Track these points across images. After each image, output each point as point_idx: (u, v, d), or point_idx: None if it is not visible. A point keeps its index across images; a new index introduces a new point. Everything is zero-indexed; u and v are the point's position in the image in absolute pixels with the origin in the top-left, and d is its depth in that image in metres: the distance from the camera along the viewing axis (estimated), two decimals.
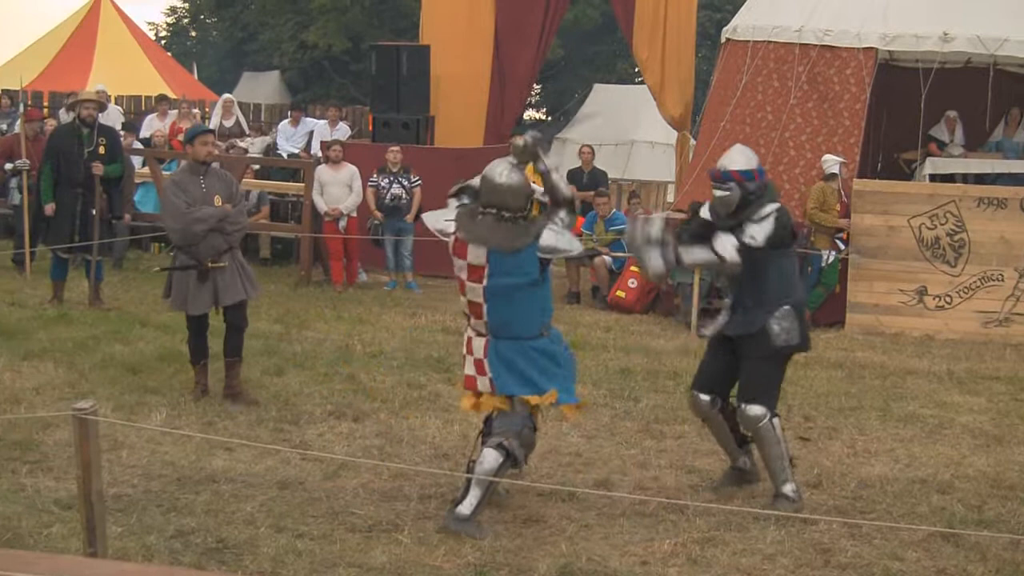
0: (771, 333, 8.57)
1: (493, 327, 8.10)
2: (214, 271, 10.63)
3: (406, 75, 19.54)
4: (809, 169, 16.62)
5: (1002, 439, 10.73)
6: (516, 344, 8.10)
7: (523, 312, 8.08)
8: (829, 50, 16.81)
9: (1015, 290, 15.49)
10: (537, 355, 8.15)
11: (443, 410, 10.83)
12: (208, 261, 10.60)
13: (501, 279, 8.01)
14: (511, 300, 8.03)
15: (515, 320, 8.08)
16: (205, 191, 10.75)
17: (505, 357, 8.10)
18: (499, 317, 8.07)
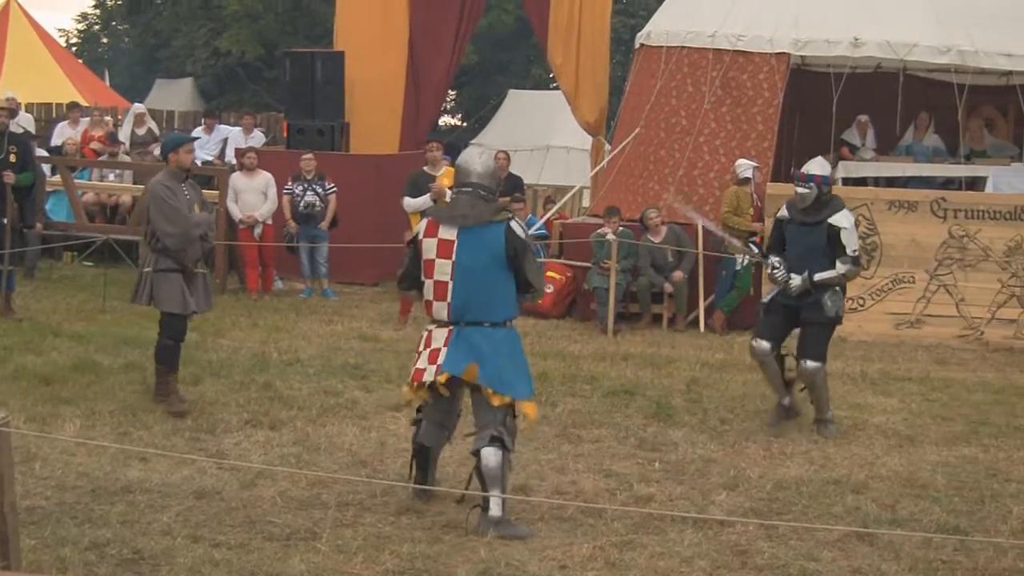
0: (825, 307, 10.85)
1: (456, 308, 8.17)
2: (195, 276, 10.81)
3: (320, 81, 19.47)
4: (723, 173, 16.75)
5: (914, 439, 10.87)
6: (480, 330, 8.17)
7: (486, 293, 8.17)
8: (742, 55, 16.97)
9: (926, 292, 15.72)
10: (504, 345, 8.25)
11: (360, 417, 10.80)
12: (192, 266, 10.77)
13: (469, 253, 8.13)
14: (476, 277, 8.13)
15: (478, 300, 8.16)
16: (188, 199, 10.82)
17: (465, 343, 8.14)
18: (463, 295, 8.14)
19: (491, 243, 8.17)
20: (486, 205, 8.30)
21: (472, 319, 8.18)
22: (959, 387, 13.21)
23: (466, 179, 8.40)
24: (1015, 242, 15.55)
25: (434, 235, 8.27)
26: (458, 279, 8.16)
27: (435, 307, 8.28)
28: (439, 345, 8.23)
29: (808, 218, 10.94)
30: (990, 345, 15.53)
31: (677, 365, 13.66)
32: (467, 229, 8.17)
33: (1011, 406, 12.34)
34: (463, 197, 8.36)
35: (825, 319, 10.91)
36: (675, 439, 10.51)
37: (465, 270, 8.15)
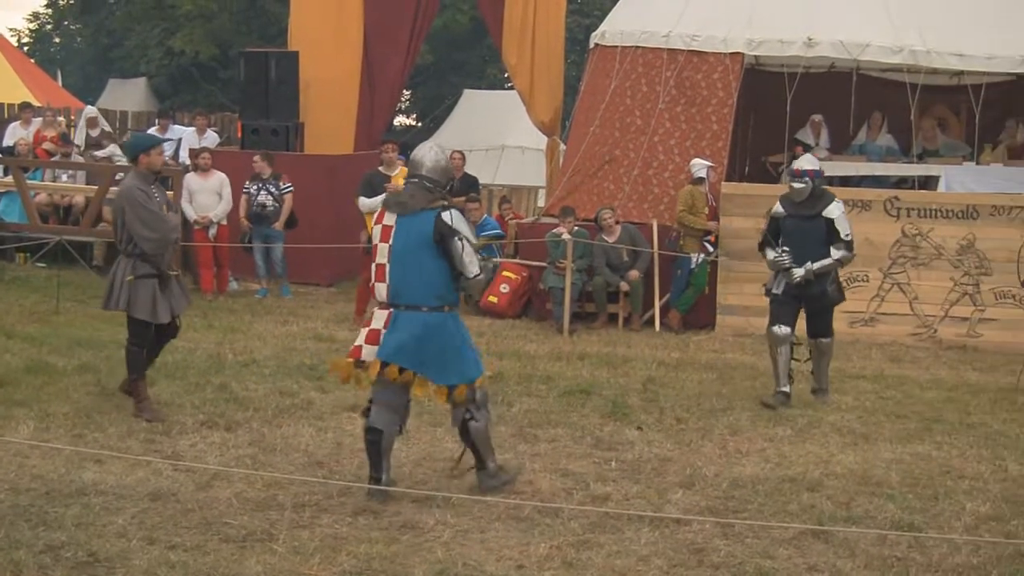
0: (828, 294, 12.13)
1: (394, 290, 8.64)
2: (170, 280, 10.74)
3: (275, 81, 19.39)
4: (678, 172, 16.79)
5: (869, 437, 10.93)
6: (415, 315, 8.59)
7: (419, 277, 8.60)
8: (697, 55, 17.02)
9: (880, 290, 15.82)
10: (435, 331, 8.64)
11: (316, 418, 10.77)
12: (168, 270, 10.71)
13: (402, 239, 8.63)
14: (408, 261, 8.60)
15: (412, 284, 8.60)
16: (159, 201, 10.72)
17: (405, 326, 8.58)
18: (399, 277, 8.61)
19: (421, 229, 8.61)
20: (425, 195, 8.72)
21: (409, 302, 8.62)
22: (913, 385, 13.30)
23: (416, 171, 8.86)
24: (967, 241, 15.67)
25: (381, 220, 8.83)
26: (393, 262, 8.65)
27: (377, 288, 8.79)
28: (379, 326, 8.68)
29: (805, 211, 12.07)
30: (943, 343, 15.64)
31: (633, 364, 13.69)
32: (404, 216, 8.68)
33: (964, 404, 12.43)
34: (408, 187, 8.85)
35: (829, 303, 12.29)
36: (631, 438, 10.53)
37: (398, 254, 8.64)
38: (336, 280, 18.70)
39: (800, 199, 12.11)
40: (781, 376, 12.12)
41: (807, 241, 12.00)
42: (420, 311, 8.61)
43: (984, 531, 8.46)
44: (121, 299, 10.63)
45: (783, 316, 12.17)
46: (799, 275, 11.94)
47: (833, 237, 12.02)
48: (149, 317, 10.68)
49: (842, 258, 12.11)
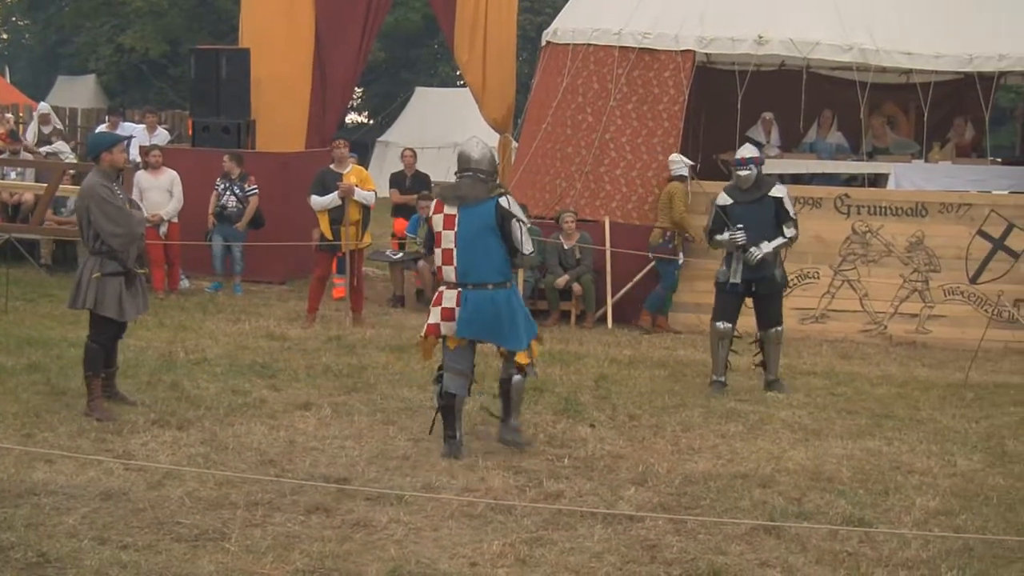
0: (777, 278, 12.56)
1: (461, 271, 9.71)
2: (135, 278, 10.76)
3: (226, 78, 19.29)
4: (629, 170, 16.83)
5: (820, 433, 10.99)
6: (483, 293, 9.71)
7: (484, 257, 9.70)
8: (648, 53, 17.04)
9: (830, 287, 15.93)
10: (501, 305, 9.76)
11: (269, 416, 10.73)
12: (134, 268, 10.74)
13: (466, 226, 9.68)
14: (475, 244, 9.66)
15: (478, 265, 9.69)
16: (122, 198, 10.73)
17: (474, 304, 9.68)
18: (466, 260, 9.68)
19: (484, 216, 9.69)
20: (481, 185, 9.81)
21: (476, 281, 9.72)
22: (863, 381, 13.39)
23: (466, 165, 9.92)
24: (916, 237, 15.80)
25: (440, 211, 9.84)
26: (460, 247, 9.70)
27: (444, 271, 9.87)
28: (451, 305, 9.76)
29: (752, 196, 12.57)
30: (893, 339, 15.77)
31: (585, 362, 13.72)
32: (466, 206, 9.74)
33: (914, 399, 12.53)
34: (464, 180, 9.88)
35: (777, 288, 12.68)
36: (584, 435, 10.55)
37: (465, 239, 9.69)
38: (288, 278, 18.65)
39: (746, 186, 12.64)
40: (719, 366, 12.66)
41: (758, 224, 12.45)
42: (487, 288, 9.71)
43: (933, 525, 8.51)
44: (88, 297, 10.56)
45: (727, 312, 12.67)
46: (757, 255, 12.34)
47: (782, 217, 12.53)
48: (116, 315, 10.66)
49: (794, 236, 12.67)
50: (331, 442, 10.00)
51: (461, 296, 9.72)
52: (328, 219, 15.12)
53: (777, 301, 12.78)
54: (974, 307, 15.75)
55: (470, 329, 9.76)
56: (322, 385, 12.02)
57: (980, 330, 14.41)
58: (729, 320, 12.62)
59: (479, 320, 9.71)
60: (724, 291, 12.72)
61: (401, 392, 11.82)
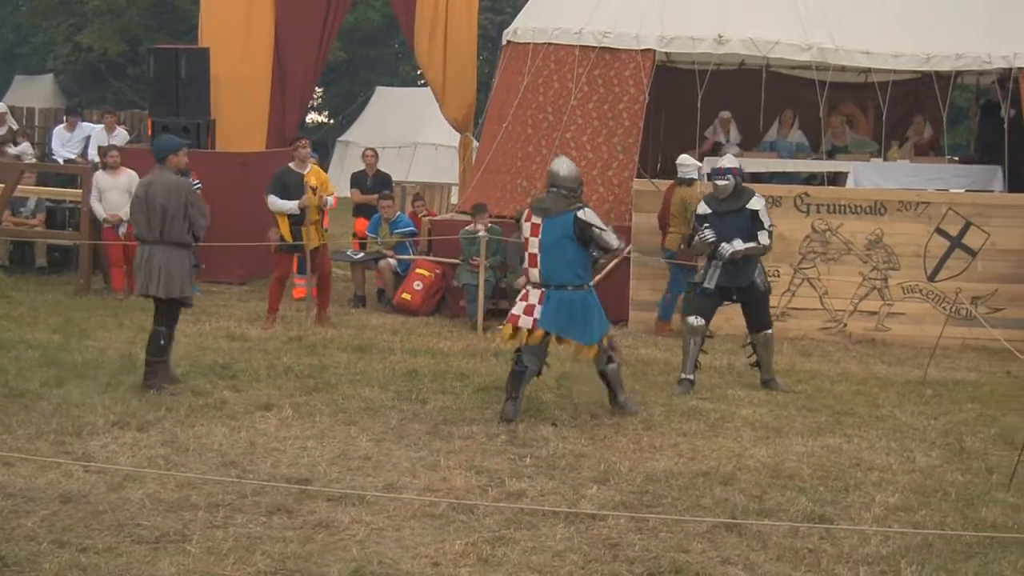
0: (759, 285, 12.78)
1: (544, 274, 11.11)
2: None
3: (185, 78, 19.21)
4: (590, 169, 16.84)
5: (780, 430, 11.04)
6: (563, 293, 11.09)
7: (564, 263, 11.08)
8: (608, 52, 17.10)
9: (790, 285, 15.98)
10: (578, 305, 11.13)
11: (230, 417, 10.69)
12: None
13: (549, 235, 11.11)
14: (555, 251, 11.06)
15: (559, 268, 11.08)
16: None
17: (555, 303, 11.07)
18: (549, 264, 11.09)
19: (564, 227, 11.06)
20: (563, 201, 11.18)
21: (557, 283, 11.11)
22: (823, 378, 13.45)
23: (554, 182, 11.31)
24: (875, 236, 15.87)
25: (529, 220, 11.29)
26: (543, 253, 11.11)
27: (530, 272, 11.25)
28: (535, 302, 11.13)
29: (731, 207, 12.76)
30: (852, 337, 15.85)
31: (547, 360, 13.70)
32: (549, 217, 11.13)
33: (873, 396, 12.59)
34: (550, 195, 11.31)
35: (760, 295, 12.87)
36: (546, 434, 10.55)
37: (547, 246, 11.10)
38: (248, 278, 18.58)
39: (724, 196, 12.82)
40: (688, 364, 12.71)
41: (734, 234, 12.63)
42: (566, 290, 11.10)
43: (893, 522, 8.56)
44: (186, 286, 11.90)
45: (703, 309, 12.86)
46: (728, 251, 12.57)
47: (757, 228, 12.69)
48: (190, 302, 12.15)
49: (768, 244, 12.86)
50: (292, 443, 9.97)
51: (544, 295, 11.10)
52: (288, 220, 15.07)
53: (762, 307, 12.95)
54: (932, 305, 15.84)
55: (550, 324, 11.06)
56: (283, 386, 11.98)
57: (938, 327, 14.52)
58: (703, 316, 12.77)
59: (558, 317, 11.05)
60: (697, 292, 13.00)
61: (363, 392, 11.79)
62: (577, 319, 11.14)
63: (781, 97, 18.96)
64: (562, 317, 11.08)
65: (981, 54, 16.91)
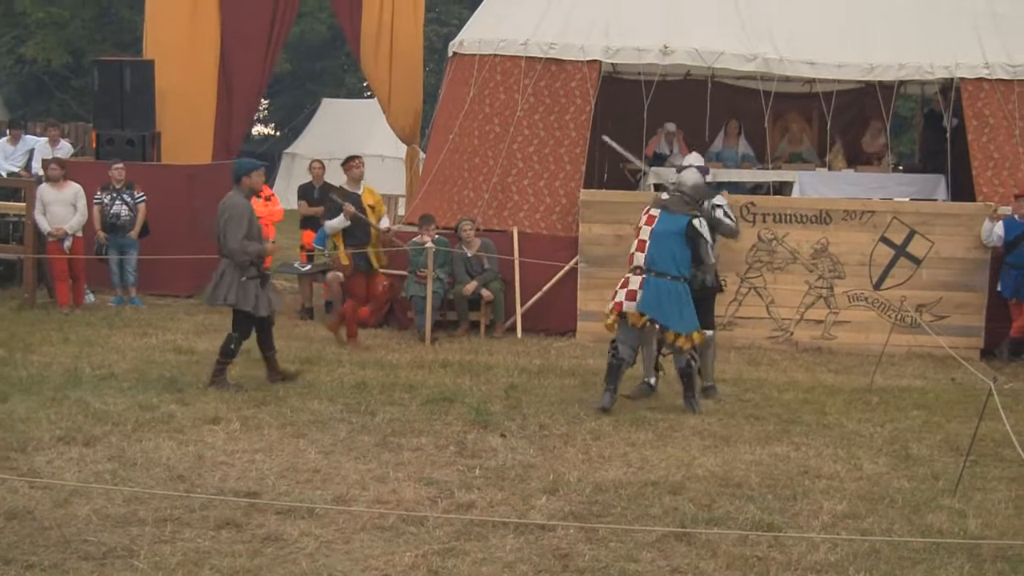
0: (707, 283, 12.84)
1: (649, 260, 11.99)
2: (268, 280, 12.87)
3: (130, 90, 19.13)
4: (537, 180, 16.88)
5: (729, 439, 11.08)
6: (662, 281, 11.92)
7: (668, 255, 11.98)
8: (555, 63, 17.13)
9: (737, 294, 16.05)
10: (674, 294, 11.95)
11: (177, 431, 10.63)
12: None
13: (663, 226, 12.06)
14: (663, 242, 11.99)
15: (663, 258, 11.96)
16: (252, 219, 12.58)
17: (654, 288, 11.92)
18: (655, 252, 11.98)
19: (678, 224, 12.04)
20: (683, 204, 12.23)
21: (659, 270, 11.96)
22: (770, 387, 13.52)
23: (680, 188, 12.32)
24: (821, 244, 15.97)
25: (647, 212, 12.23)
26: (652, 241, 12.05)
27: (635, 256, 12.13)
28: (635, 288, 12.00)
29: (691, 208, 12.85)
30: (799, 345, 15.94)
31: (495, 371, 13.73)
32: (667, 212, 12.12)
33: (820, 404, 12.66)
34: (674, 197, 12.32)
35: (707, 293, 12.95)
36: (495, 445, 10.55)
37: (658, 236, 12.04)
38: (195, 291, 18.49)
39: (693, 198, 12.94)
40: (647, 367, 12.87)
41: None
42: (666, 278, 11.94)
43: (841, 529, 8.62)
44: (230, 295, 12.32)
45: None
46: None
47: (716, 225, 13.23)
48: (252, 310, 12.40)
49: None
50: (241, 456, 9.93)
51: (644, 281, 11.94)
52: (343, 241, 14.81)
53: (707, 306, 12.95)
54: (878, 313, 15.96)
55: (648, 308, 11.91)
56: (231, 399, 11.92)
57: (884, 335, 14.64)
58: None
59: (657, 302, 11.89)
60: None
61: (311, 405, 11.75)
62: (672, 307, 11.94)
63: (726, 107, 19.08)
64: (660, 302, 11.91)
65: (923, 64, 17.05)
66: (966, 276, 15.93)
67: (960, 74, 16.97)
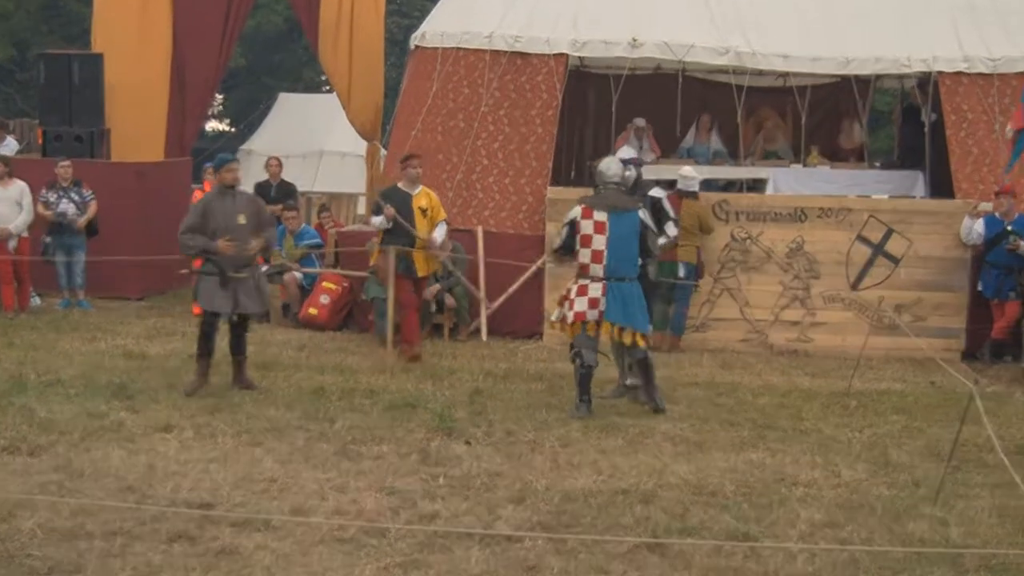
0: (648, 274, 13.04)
1: (609, 268, 12.04)
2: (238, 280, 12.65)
3: (78, 85, 19.00)
4: (502, 177, 16.85)
5: (702, 445, 11.06)
6: (622, 285, 12.06)
7: (626, 257, 12.11)
8: (520, 56, 17.10)
9: (710, 295, 16.05)
10: (634, 296, 12.14)
11: (127, 440, 10.54)
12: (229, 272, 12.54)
13: (616, 230, 12.07)
14: (619, 248, 12.05)
15: (622, 262, 12.07)
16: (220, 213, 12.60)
17: (618, 294, 12.03)
18: (614, 258, 12.04)
19: (630, 224, 12.13)
20: (626, 198, 12.40)
21: (619, 276, 12.07)
22: (745, 391, 13.52)
23: (608, 180, 12.38)
24: (796, 243, 15.99)
25: (590, 217, 12.12)
26: (610, 249, 12.05)
27: (592, 268, 12.11)
28: (597, 295, 12.05)
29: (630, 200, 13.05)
30: (774, 348, 15.96)
31: (459, 376, 13.69)
32: (615, 214, 12.08)
33: (796, 409, 12.66)
34: (610, 191, 12.34)
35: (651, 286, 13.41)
36: (459, 453, 10.51)
37: (614, 241, 12.05)
38: (146, 293, 18.39)
39: (628, 185, 13.07)
40: (619, 370, 13.03)
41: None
42: (624, 282, 12.09)
43: (819, 538, 8.60)
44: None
45: None
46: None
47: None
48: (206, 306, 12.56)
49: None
50: (194, 465, 9.85)
51: (607, 287, 12.03)
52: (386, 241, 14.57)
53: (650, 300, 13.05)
54: (855, 314, 15.99)
55: (616, 316, 12.03)
56: (184, 406, 11.84)
57: (862, 337, 14.66)
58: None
59: (623, 308, 12.04)
60: None
61: (267, 412, 11.69)
62: (637, 309, 12.14)
63: (698, 102, 19.08)
64: (626, 308, 12.06)
65: (900, 57, 17.09)
66: (946, 276, 15.98)
67: (938, 68, 17.03)
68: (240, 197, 12.86)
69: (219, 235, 12.39)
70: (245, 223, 12.61)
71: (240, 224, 12.56)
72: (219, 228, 12.40)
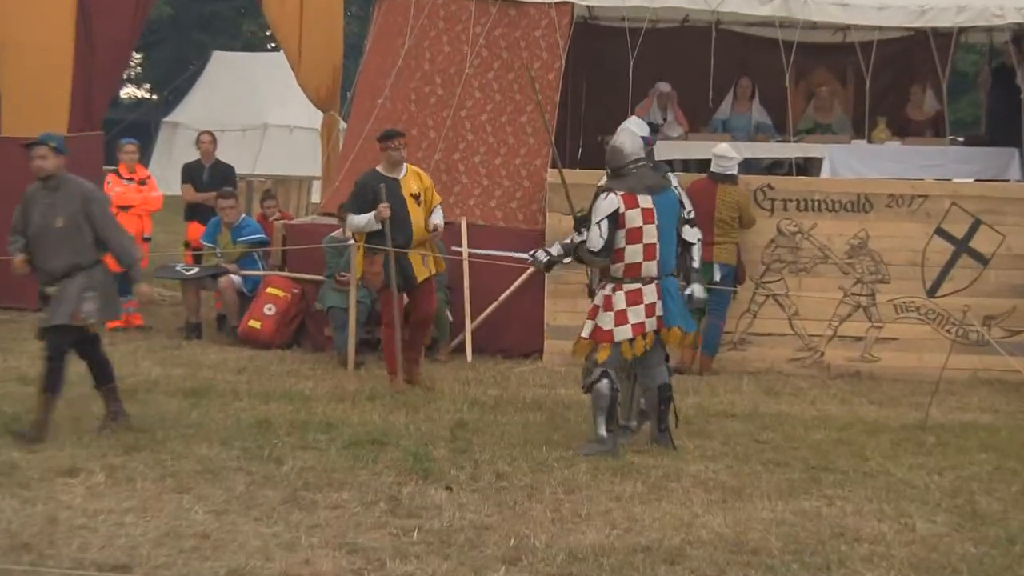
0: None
1: (662, 264, 12.04)
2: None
3: None
4: (492, 157, 16.84)
5: (741, 491, 11.05)
6: (669, 281, 12.14)
7: (672, 248, 12.22)
8: (514, 6, 17.12)
9: (751, 304, 16.05)
10: (677, 290, 12.29)
11: (21, 486, 10.54)
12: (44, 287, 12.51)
13: (663, 218, 12.03)
14: (668, 237, 12.11)
15: (670, 255, 12.16)
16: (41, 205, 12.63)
17: (673, 293, 12.13)
18: (665, 252, 12.06)
19: (672, 205, 12.23)
20: (657, 175, 12.48)
21: (669, 271, 12.16)
22: (795, 424, 13.52)
23: (633, 157, 12.13)
24: (859, 239, 15.99)
25: (635, 205, 11.90)
26: (662, 240, 12.02)
27: (644, 267, 11.97)
28: (653, 299, 12.00)
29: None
30: (831, 370, 15.97)
31: (438, 405, 13.69)
32: (657, 196, 12.02)
33: (859, 447, 12.67)
34: (642, 170, 12.20)
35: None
36: (438, 501, 10.51)
37: (664, 231, 12.04)
38: None
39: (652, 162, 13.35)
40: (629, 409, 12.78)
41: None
42: (671, 277, 12.21)
43: None
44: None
45: None
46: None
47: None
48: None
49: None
50: (106, 518, 9.84)
51: (660, 288, 12.05)
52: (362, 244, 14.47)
53: None
54: (933, 327, 16.01)
55: (675, 318, 12.14)
56: (93, 443, 11.84)
57: (941, 356, 14.63)
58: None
59: (680, 309, 12.20)
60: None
61: (198, 450, 11.68)
62: (685, 307, 12.43)
63: (736, 63, 19.09)
64: (681, 308, 12.28)
65: (990, 5, 17.09)
66: None
67: None
68: (64, 192, 12.48)
69: (34, 240, 12.29)
70: (62, 227, 12.28)
71: (56, 228, 12.28)
72: (33, 232, 12.29)
